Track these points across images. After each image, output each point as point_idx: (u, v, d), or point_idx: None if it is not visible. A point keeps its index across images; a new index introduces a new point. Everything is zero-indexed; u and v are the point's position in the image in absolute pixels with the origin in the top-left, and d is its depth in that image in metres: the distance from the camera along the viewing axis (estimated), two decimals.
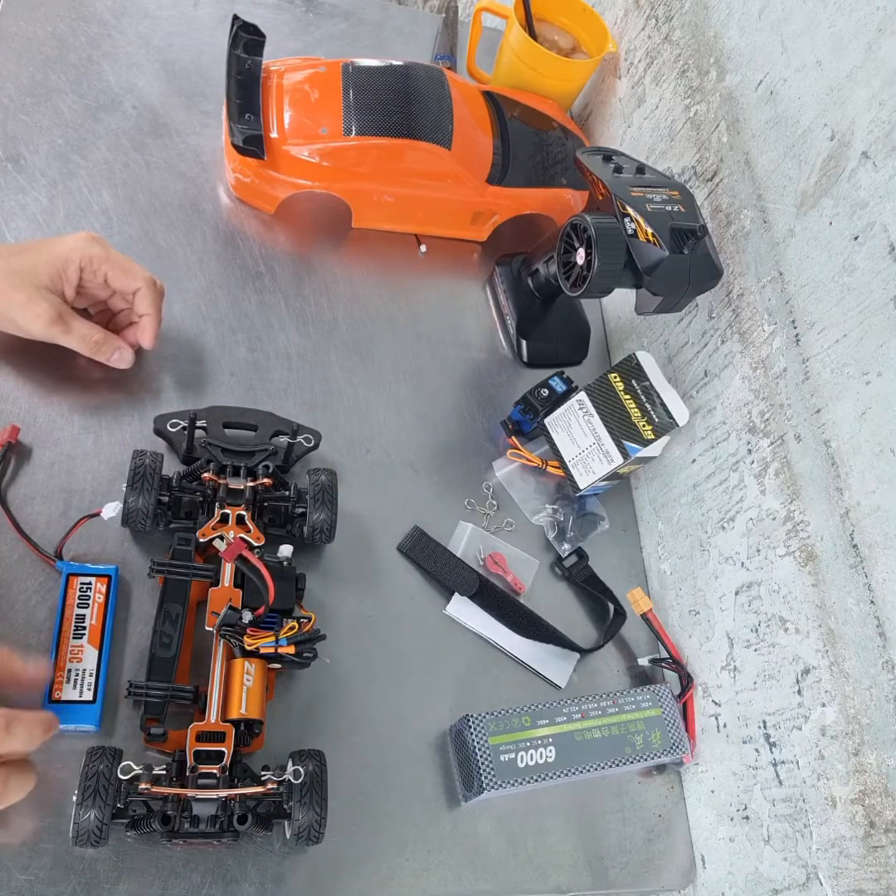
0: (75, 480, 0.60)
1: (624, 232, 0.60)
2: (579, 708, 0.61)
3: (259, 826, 0.50)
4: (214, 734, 0.50)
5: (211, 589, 0.55)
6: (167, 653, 0.53)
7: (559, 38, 0.88)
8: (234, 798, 0.49)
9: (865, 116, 0.52)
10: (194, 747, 0.50)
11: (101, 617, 0.55)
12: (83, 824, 0.46)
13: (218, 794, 0.48)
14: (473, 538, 0.68)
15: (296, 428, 0.63)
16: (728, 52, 0.66)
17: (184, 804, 0.48)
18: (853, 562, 0.52)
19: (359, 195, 0.75)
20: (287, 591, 0.56)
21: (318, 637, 0.54)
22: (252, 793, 0.49)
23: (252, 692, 0.52)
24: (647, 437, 0.65)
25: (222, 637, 0.53)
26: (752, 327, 0.63)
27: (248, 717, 0.51)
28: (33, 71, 0.73)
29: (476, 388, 0.76)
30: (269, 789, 0.50)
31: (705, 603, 0.66)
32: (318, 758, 0.52)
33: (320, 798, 0.50)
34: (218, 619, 0.53)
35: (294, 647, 0.53)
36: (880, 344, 0.51)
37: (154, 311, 0.61)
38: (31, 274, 0.56)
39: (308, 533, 0.60)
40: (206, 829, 0.48)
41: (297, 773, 0.50)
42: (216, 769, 0.49)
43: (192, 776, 0.49)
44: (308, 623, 0.54)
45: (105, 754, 0.48)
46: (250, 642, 0.52)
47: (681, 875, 0.64)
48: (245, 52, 0.71)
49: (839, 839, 0.52)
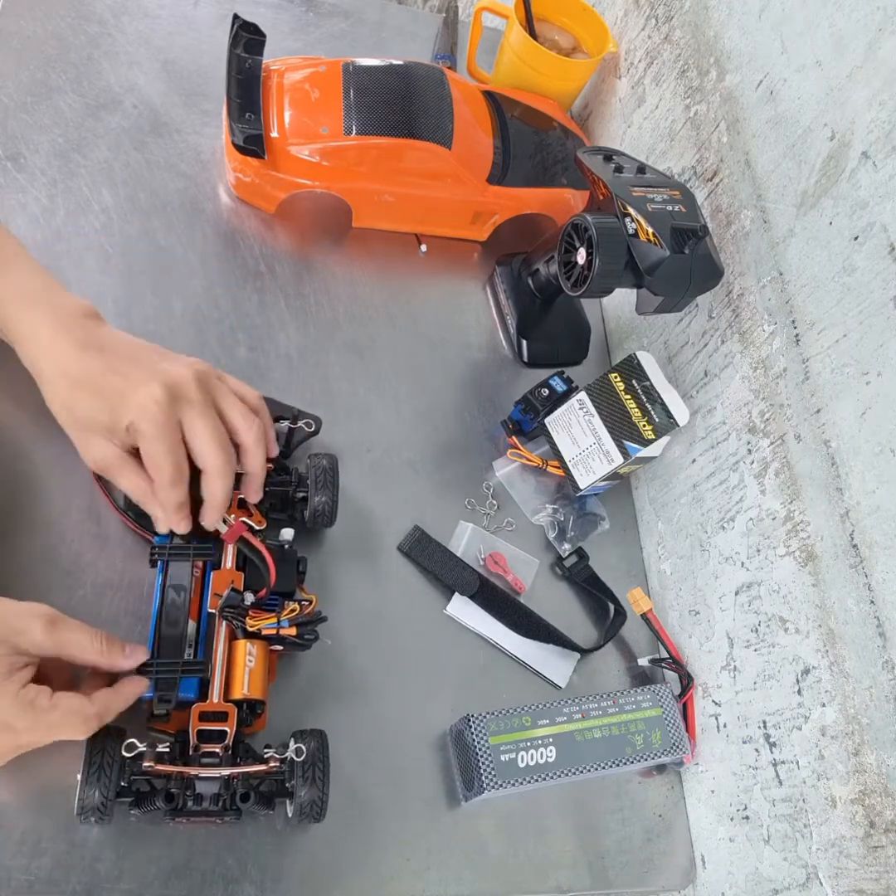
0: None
1: (625, 232, 0.60)
2: (579, 708, 0.61)
3: (261, 804, 0.50)
4: (217, 714, 0.51)
5: (213, 571, 0.55)
6: (174, 629, 0.53)
7: (559, 37, 0.88)
8: (236, 776, 0.49)
9: (865, 116, 0.52)
10: (197, 727, 0.50)
11: (198, 589, 0.55)
12: (87, 801, 0.46)
13: (221, 773, 0.49)
14: (473, 538, 0.68)
15: (296, 413, 0.63)
16: (728, 52, 0.66)
17: (187, 782, 0.49)
18: (853, 562, 0.52)
19: (359, 195, 0.75)
20: (288, 574, 0.56)
21: (319, 619, 0.54)
22: (255, 771, 0.50)
23: (254, 673, 0.53)
24: (647, 436, 0.65)
25: (224, 619, 0.53)
26: (752, 327, 0.63)
27: (250, 697, 0.52)
28: (33, 70, 0.73)
29: (476, 387, 0.76)
30: (272, 767, 0.50)
31: (705, 603, 0.66)
32: (320, 736, 0.52)
33: (322, 775, 0.50)
34: (220, 600, 0.53)
35: (296, 629, 0.53)
36: (880, 344, 0.51)
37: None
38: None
39: (309, 516, 0.60)
40: (209, 807, 0.49)
41: (299, 751, 0.50)
42: (219, 748, 0.49)
43: (195, 755, 0.49)
44: (309, 605, 0.54)
45: (109, 732, 0.48)
46: (252, 624, 0.52)
47: (681, 875, 0.64)
48: (245, 51, 0.71)
49: (839, 839, 0.52)
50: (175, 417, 0.50)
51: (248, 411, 0.55)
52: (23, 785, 0.50)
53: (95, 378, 0.51)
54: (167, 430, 0.50)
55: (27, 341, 0.53)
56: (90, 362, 0.51)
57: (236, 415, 0.54)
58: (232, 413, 0.54)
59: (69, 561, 0.56)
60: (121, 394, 0.50)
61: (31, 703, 0.44)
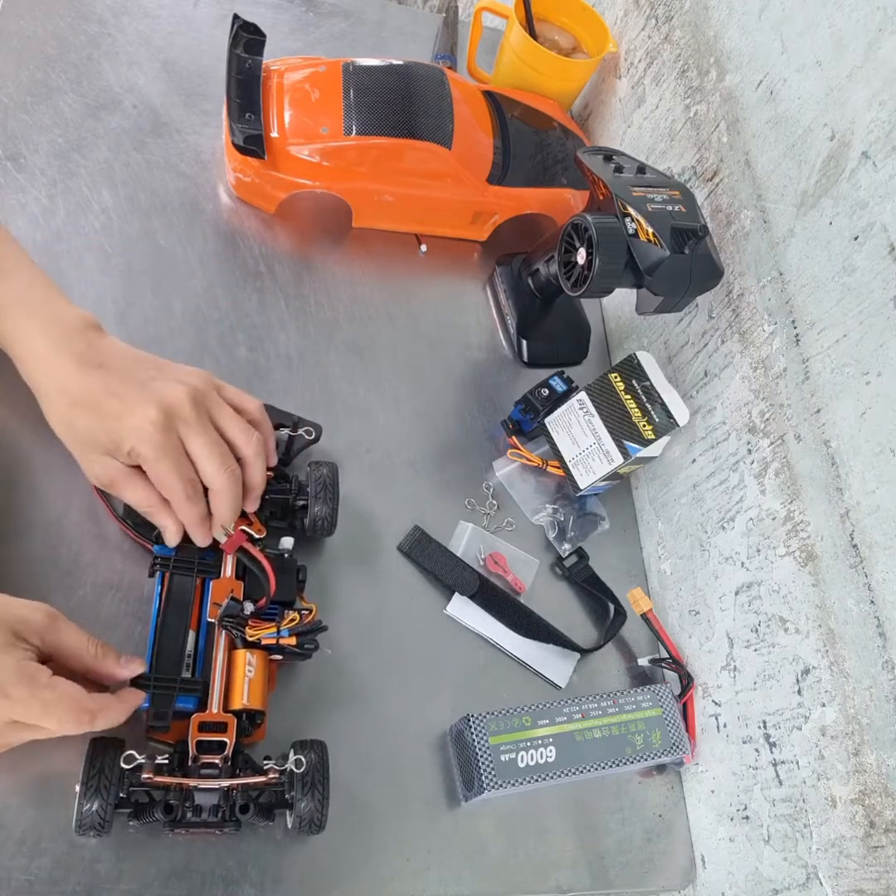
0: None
1: (625, 232, 0.60)
2: (579, 708, 0.61)
3: (261, 815, 0.50)
4: (216, 724, 0.50)
5: (213, 580, 0.55)
6: (173, 645, 0.53)
7: (559, 37, 0.88)
8: (236, 787, 0.49)
9: (865, 116, 0.52)
10: (196, 737, 0.50)
11: (197, 598, 0.55)
12: (86, 813, 0.46)
13: (220, 784, 0.49)
14: (473, 538, 0.68)
15: (296, 420, 0.63)
16: (728, 52, 0.66)
17: (186, 794, 0.48)
18: (853, 562, 0.52)
19: (359, 195, 0.75)
20: (288, 583, 0.56)
21: (319, 628, 0.54)
22: (254, 782, 0.50)
23: (254, 683, 0.52)
24: (647, 436, 0.65)
25: (224, 628, 0.53)
26: (752, 327, 0.63)
27: (250, 707, 0.52)
28: (33, 70, 0.73)
29: (476, 387, 0.76)
30: (271, 779, 0.50)
31: (705, 603, 0.66)
32: (320, 747, 0.52)
33: (322, 787, 0.50)
34: (220, 610, 0.53)
35: (296, 638, 0.53)
36: (880, 344, 0.51)
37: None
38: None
39: (309, 525, 0.60)
40: (208, 819, 0.48)
41: (298, 763, 0.50)
42: (218, 759, 0.49)
43: (194, 766, 0.49)
44: (309, 614, 0.54)
45: (108, 744, 0.48)
46: (252, 633, 0.52)
47: (681, 875, 0.64)
48: (245, 51, 0.71)
49: (839, 839, 0.52)
50: (174, 436, 0.51)
51: (246, 425, 0.55)
52: (23, 785, 0.50)
53: (94, 397, 0.51)
54: (167, 450, 0.50)
55: (25, 353, 0.53)
56: (89, 380, 0.51)
57: (234, 430, 0.54)
58: (230, 428, 0.54)
59: (69, 561, 0.56)
60: (117, 417, 0.50)
61: (30, 675, 0.44)
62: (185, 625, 0.53)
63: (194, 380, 0.53)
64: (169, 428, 0.50)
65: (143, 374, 0.52)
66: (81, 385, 0.51)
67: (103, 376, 0.51)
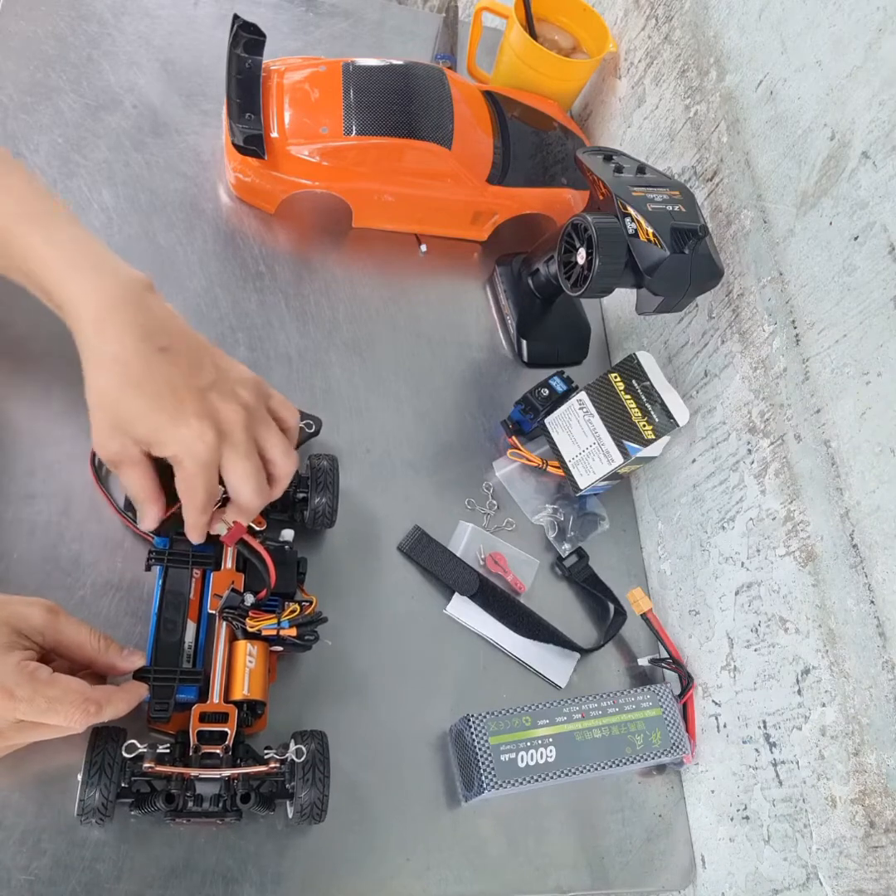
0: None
1: (625, 232, 0.60)
2: (579, 708, 0.61)
3: (262, 805, 0.50)
4: (217, 715, 0.51)
5: (213, 572, 0.55)
6: (172, 637, 0.53)
7: (559, 37, 0.88)
8: (237, 777, 0.49)
9: (865, 116, 0.52)
10: (197, 727, 0.50)
11: (198, 591, 0.55)
12: (88, 802, 0.46)
13: (221, 774, 0.49)
14: (474, 538, 0.68)
15: None
16: (728, 52, 0.66)
17: (187, 783, 0.49)
18: (853, 562, 0.52)
19: (359, 195, 0.75)
20: (289, 575, 0.56)
21: (319, 619, 0.54)
22: (255, 772, 0.50)
23: (254, 674, 0.53)
24: (647, 436, 0.65)
25: (225, 619, 0.53)
26: (752, 327, 0.63)
27: (250, 698, 0.52)
28: (33, 70, 0.73)
29: (476, 387, 0.76)
30: (272, 768, 0.50)
31: (705, 603, 0.66)
32: (320, 737, 0.52)
33: (323, 776, 0.50)
34: (221, 601, 0.53)
35: (296, 630, 0.53)
36: (880, 344, 0.51)
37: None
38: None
39: (309, 517, 0.60)
40: (209, 808, 0.49)
41: (299, 752, 0.50)
42: (219, 749, 0.50)
43: (195, 756, 0.49)
44: (310, 606, 0.54)
45: (110, 733, 0.48)
46: (252, 624, 0.53)
47: (681, 875, 0.64)
48: (245, 51, 0.71)
49: (839, 839, 0.52)
50: (217, 455, 0.50)
51: (287, 447, 0.54)
52: (23, 785, 0.50)
53: (153, 387, 0.48)
54: (208, 467, 0.50)
55: (79, 311, 0.48)
56: (151, 363, 0.48)
57: (276, 452, 0.54)
58: (272, 449, 0.53)
59: (69, 561, 0.56)
60: (171, 419, 0.48)
61: (31, 674, 0.44)
62: (182, 616, 0.54)
63: (249, 394, 0.52)
64: (217, 448, 0.50)
65: (205, 376, 0.50)
66: (142, 366, 0.48)
67: (167, 364, 0.49)
